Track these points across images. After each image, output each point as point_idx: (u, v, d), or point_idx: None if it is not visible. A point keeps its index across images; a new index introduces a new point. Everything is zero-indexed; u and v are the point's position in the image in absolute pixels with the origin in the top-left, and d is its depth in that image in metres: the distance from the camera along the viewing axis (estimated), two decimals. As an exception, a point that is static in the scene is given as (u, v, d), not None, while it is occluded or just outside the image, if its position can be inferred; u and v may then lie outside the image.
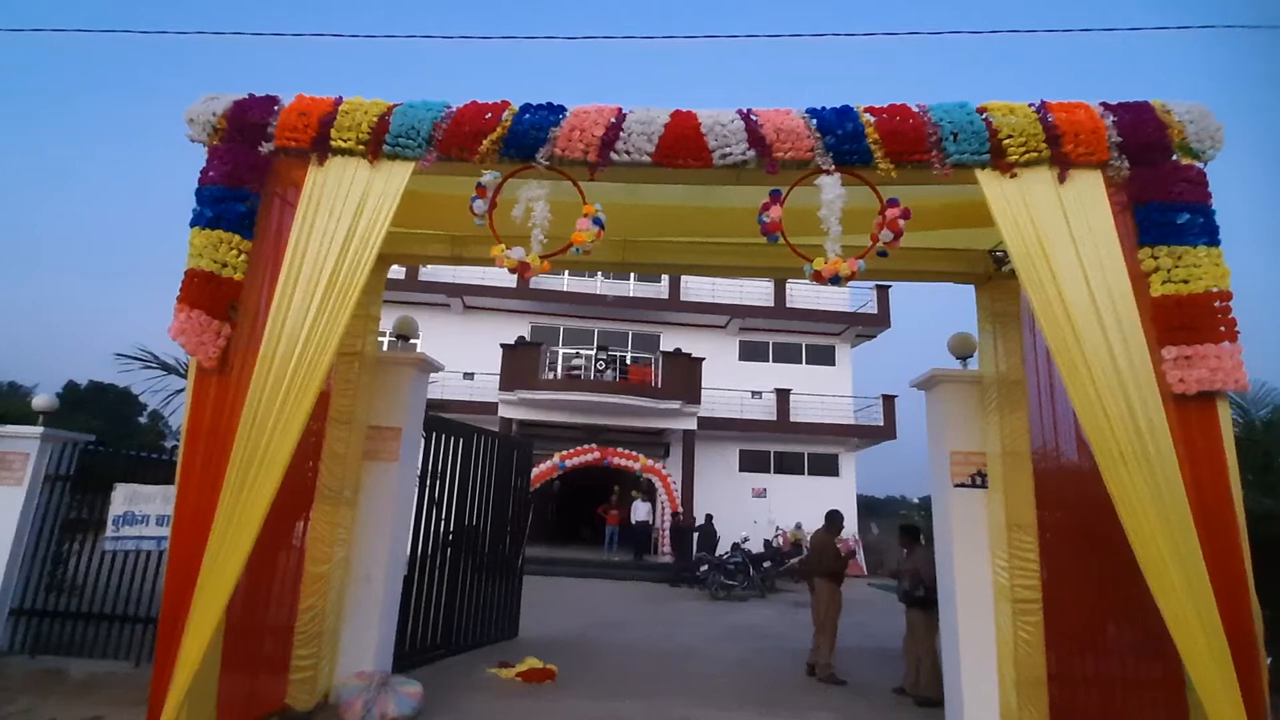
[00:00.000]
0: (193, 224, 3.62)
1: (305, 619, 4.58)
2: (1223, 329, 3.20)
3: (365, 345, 5.09)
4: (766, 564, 13.69)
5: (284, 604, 4.56)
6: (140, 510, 5.07)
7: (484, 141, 3.60)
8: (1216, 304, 3.24)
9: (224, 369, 3.54)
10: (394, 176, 3.66)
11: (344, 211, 3.61)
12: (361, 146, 3.67)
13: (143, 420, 35.79)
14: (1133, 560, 3.06)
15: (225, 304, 3.55)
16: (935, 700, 5.19)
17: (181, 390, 3.68)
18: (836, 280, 3.50)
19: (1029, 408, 4.49)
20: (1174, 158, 3.47)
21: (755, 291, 20.51)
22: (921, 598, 5.76)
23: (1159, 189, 3.37)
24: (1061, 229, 3.35)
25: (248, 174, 3.68)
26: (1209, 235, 3.33)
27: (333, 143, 3.68)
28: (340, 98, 3.81)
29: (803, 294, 20.51)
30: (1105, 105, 3.57)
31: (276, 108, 3.81)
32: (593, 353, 18.40)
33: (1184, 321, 3.21)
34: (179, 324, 3.47)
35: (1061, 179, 3.46)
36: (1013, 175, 3.47)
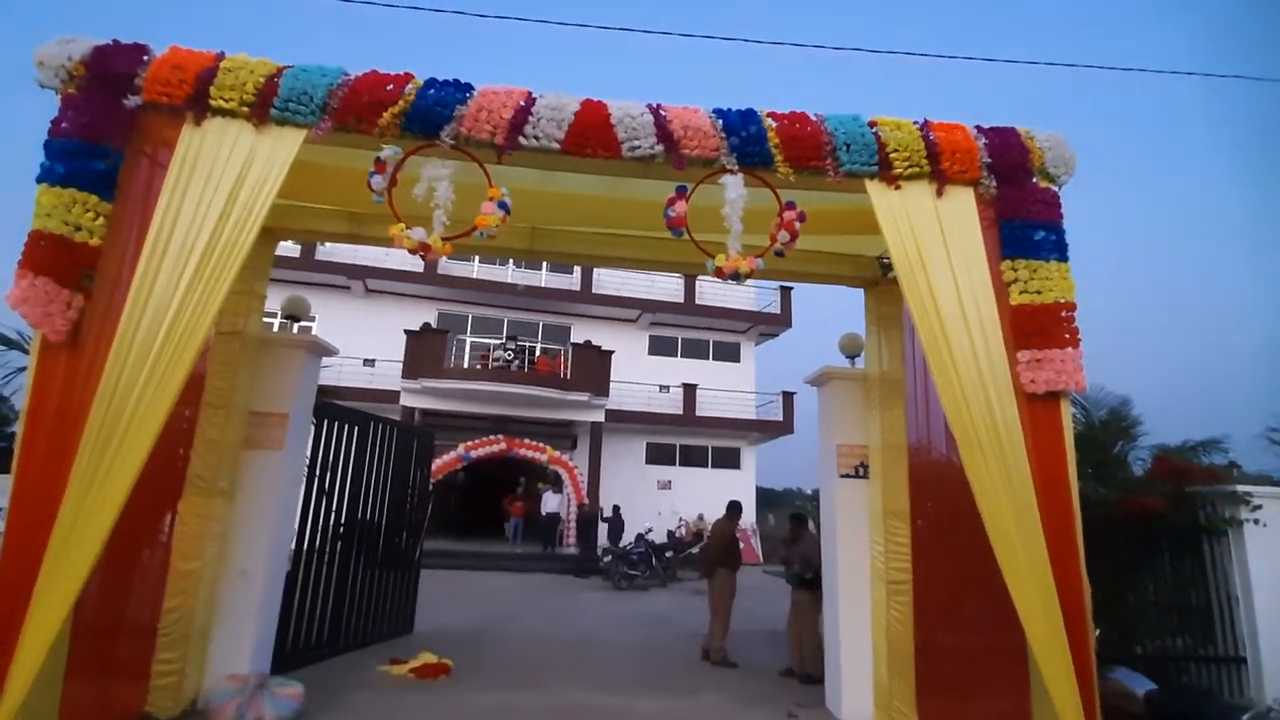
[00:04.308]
0: (40, 180, 3.23)
1: (170, 620, 4.22)
2: (1067, 336, 3.58)
3: (248, 325, 4.73)
4: (669, 554, 14.02)
5: (145, 604, 4.18)
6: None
7: (384, 114, 3.43)
8: (1063, 314, 3.61)
9: (75, 344, 3.18)
10: (283, 143, 3.42)
11: (224, 177, 3.33)
12: (245, 108, 3.40)
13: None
14: (989, 543, 3.38)
15: (78, 272, 3.19)
16: (818, 677, 5.53)
17: (24, 369, 3.28)
18: (737, 276, 3.63)
19: (906, 404, 4.86)
20: (1034, 180, 3.84)
21: (666, 287, 20.79)
22: (810, 580, 6.11)
23: (1020, 208, 3.73)
24: (937, 240, 3.64)
25: (109, 128, 3.31)
26: (1059, 252, 3.72)
27: (212, 102, 3.39)
28: (222, 53, 3.50)
29: (711, 292, 21.01)
30: (979, 128, 3.90)
31: (146, 58, 3.45)
32: (502, 342, 18.04)
33: (1036, 328, 3.57)
34: (21, 292, 3.09)
35: (939, 193, 3.75)
36: (897, 187, 3.73)
